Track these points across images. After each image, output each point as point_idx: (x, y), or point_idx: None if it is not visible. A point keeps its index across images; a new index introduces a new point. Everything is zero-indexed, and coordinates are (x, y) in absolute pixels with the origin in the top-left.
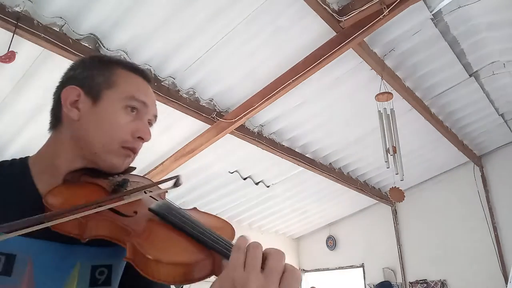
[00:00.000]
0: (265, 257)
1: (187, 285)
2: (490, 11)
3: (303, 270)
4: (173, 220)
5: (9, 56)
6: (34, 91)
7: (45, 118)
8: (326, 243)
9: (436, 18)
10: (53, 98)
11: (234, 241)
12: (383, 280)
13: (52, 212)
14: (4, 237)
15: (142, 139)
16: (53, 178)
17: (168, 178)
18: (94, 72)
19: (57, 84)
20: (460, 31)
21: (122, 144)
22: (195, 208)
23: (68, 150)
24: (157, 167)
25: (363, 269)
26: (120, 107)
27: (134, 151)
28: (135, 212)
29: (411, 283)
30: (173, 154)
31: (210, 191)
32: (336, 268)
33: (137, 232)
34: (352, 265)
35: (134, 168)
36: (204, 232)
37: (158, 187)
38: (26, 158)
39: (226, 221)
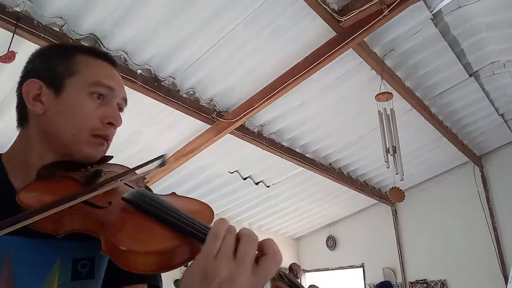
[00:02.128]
0: (238, 241)
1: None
2: (490, 11)
3: (303, 270)
4: (146, 208)
5: (9, 56)
6: None
7: None
8: (326, 243)
9: (436, 18)
10: (17, 94)
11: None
12: (383, 280)
13: (27, 212)
14: None
15: (112, 124)
16: (27, 174)
17: (153, 159)
18: (54, 62)
19: (18, 79)
20: (460, 31)
21: (92, 132)
22: (173, 193)
23: (38, 145)
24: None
25: (363, 269)
26: (84, 94)
27: (106, 138)
28: (110, 203)
29: (411, 283)
30: (173, 154)
31: (210, 191)
32: (336, 268)
33: (111, 224)
34: (352, 265)
35: (111, 157)
36: (179, 217)
37: (135, 173)
38: (0, 155)
39: (204, 204)
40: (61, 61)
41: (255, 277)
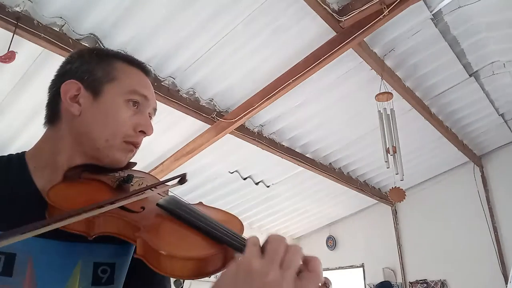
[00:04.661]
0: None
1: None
2: (490, 11)
3: None
4: (182, 215)
5: (9, 56)
6: (34, 91)
7: None
8: (326, 243)
9: (436, 18)
10: (50, 92)
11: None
12: (383, 280)
13: (63, 214)
14: (9, 241)
15: (144, 133)
16: (53, 174)
17: (174, 177)
18: (93, 65)
19: (53, 77)
20: (460, 31)
21: (125, 139)
22: (201, 203)
23: (68, 146)
24: (157, 167)
25: (363, 269)
26: (121, 101)
27: (136, 146)
28: (142, 208)
29: (411, 283)
30: (173, 154)
31: (210, 191)
32: (336, 268)
33: (146, 228)
34: (352, 265)
35: (135, 164)
36: (215, 226)
37: (165, 184)
38: (23, 153)
39: (233, 215)
40: (101, 66)
41: None
